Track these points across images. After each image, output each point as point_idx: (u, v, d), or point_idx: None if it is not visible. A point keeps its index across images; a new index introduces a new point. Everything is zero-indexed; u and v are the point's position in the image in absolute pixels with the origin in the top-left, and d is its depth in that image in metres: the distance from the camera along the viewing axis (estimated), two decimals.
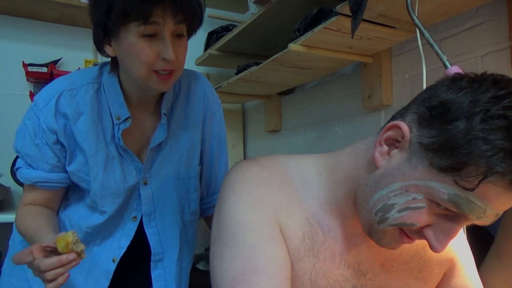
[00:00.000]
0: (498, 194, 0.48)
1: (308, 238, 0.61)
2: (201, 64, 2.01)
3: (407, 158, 0.54)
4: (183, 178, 1.00)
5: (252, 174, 0.64)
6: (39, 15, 1.86)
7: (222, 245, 0.59)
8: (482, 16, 1.08)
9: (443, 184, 0.50)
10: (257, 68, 1.49)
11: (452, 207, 0.50)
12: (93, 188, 0.91)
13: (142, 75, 0.80)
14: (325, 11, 1.18)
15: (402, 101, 1.31)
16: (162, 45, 0.78)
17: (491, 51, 1.06)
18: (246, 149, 2.26)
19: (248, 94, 1.93)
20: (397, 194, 0.54)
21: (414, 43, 1.25)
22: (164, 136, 0.94)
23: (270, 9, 1.44)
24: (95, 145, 0.89)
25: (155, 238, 0.97)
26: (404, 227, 0.55)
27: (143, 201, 0.95)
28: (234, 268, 0.56)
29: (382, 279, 0.66)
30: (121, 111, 0.89)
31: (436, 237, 0.53)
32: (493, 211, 0.50)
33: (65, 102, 0.87)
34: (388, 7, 1.03)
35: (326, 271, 0.61)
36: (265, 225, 0.59)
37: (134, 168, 0.93)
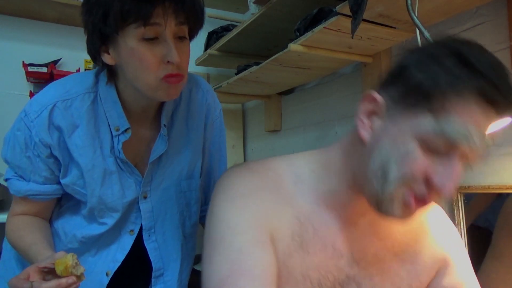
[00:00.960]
0: (471, 110, 0.52)
1: (297, 236, 0.64)
2: (201, 64, 2.01)
3: (387, 118, 0.58)
4: (184, 191, 0.96)
5: (242, 180, 0.66)
6: (39, 15, 1.86)
7: (212, 248, 0.62)
8: (482, 16, 1.08)
9: (423, 121, 0.54)
10: (257, 68, 1.49)
11: (439, 139, 0.53)
12: (90, 203, 0.87)
13: (151, 85, 0.75)
14: (325, 11, 1.18)
15: None
16: (165, 47, 0.73)
17: (491, 51, 1.06)
18: (246, 149, 2.26)
19: (248, 94, 1.93)
20: (390, 151, 0.56)
21: (414, 43, 1.25)
22: (165, 149, 0.89)
23: (270, 9, 1.44)
24: (91, 160, 0.84)
25: (156, 253, 0.93)
26: (408, 182, 0.56)
27: (142, 216, 0.91)
28: (221, 271, 0.58)
29: (375, 268, 0.68)
30: (120, 122, 0.84)
31: (440, 177, 0.54)
32: (477, 131, 0.53)
33: (59, 114, 0.81)
34: (388, 7, 1.03)
35: (317, 264, 0.64)
36: (254, 229, 0.61)
37: (133, 181, 0.89)
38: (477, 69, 0.52)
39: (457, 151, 0.54)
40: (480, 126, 0.53)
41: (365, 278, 0.68)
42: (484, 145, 0.55)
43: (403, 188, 0.56)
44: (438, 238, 0.74)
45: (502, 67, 0.54)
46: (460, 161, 0.55)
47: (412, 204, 0.57)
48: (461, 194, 1.10)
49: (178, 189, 0.94)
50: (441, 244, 0.74)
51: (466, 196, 1.09)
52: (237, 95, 1.91)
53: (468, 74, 0.52)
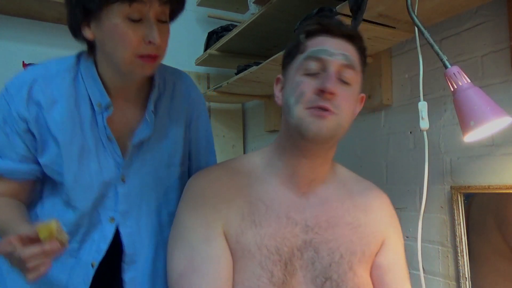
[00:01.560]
0: (317, 39, 0.77)
1: (248, 215, 0.76)
2: (201, 64, 2.01)
3: (283, 82, 0.83)
4: (163, 179, 0.96)
5: (197, 183, 0.82)
6: (39, 15, 1.86)
7: (172, 247, 0.77)
8: (482, 16, 1.08)
9: (298, 59, 0.78)
10: (257, 68, 1.49)
11: (310, 61, 0.75)
12: (66, 181, 0.85)
13: (126, 60, 0.77)
14: (325, 11, 1.18)
15: (402, 101, 1.31)
16: (147, 28, 0.76)
17: (491, 51, 1.06)
18: (246, 149, 2.26)
19: (248, 94, 1.93)
20: (287, 91, 0.79)
21: (414, 43, 1.25)
22: (149, 133, 0.90)
23: (270, 9, 1.44)
24: (70, 135, 0.84)
25: (129, 239, 0.91)
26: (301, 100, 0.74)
27: (119, 199, 0.89)
28: (179, 266, 0.74)
29: (329, 233, 0.78)
30: (102, 98, 0.85)
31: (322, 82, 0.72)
32: (332, 49, 0.75)
33: (39, 90, 0.82)
34: (388, 7, 1.03)
35: (273, 233, 0.75)
36: (204, 227, 0.75)
37: (113, 162, 0.88)
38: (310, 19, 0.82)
39: (328, 66, 0.74)
40: (332, 46, 0.75)
41: (321, 243, 0.77)
42: (346, 59, 0.75)
43: (301, 105, 0.73)
44: (381, 218, 0.85)
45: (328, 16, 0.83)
46: (337, 75, 0.74)
47: (315, 111, 0.72)
48: (461, 194, 1.10)
49: (156, 176, 0.94)
50: (384, 224, 0.85)
51: (466, 196, 1.09)
52: (237, 95, 1.91)
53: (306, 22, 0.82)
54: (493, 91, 1.03)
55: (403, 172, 1.29)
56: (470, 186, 1.08)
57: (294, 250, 0.76)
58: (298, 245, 0.76)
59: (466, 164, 1.11)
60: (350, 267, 0.78)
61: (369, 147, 1.43)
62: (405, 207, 1.27)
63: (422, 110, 0.88)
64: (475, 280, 1.06)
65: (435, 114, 1.17)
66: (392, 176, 1.33)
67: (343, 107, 0.74)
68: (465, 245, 1.08)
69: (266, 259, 0.74)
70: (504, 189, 0.99)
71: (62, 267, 0.87)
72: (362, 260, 0.80)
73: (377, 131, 1.40)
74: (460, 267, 1.08)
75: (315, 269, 0.76)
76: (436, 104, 1.18)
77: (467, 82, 0.78)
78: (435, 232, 1.17)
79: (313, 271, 0.76)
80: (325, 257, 0.77)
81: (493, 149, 1.04)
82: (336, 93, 0.72)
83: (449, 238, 1.14)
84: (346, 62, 0.75)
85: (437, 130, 1.18)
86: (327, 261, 0.77)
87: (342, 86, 0.74)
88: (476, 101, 0.76)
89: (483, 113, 0.75)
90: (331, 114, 0.72)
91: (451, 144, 1.15)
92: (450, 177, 1.15)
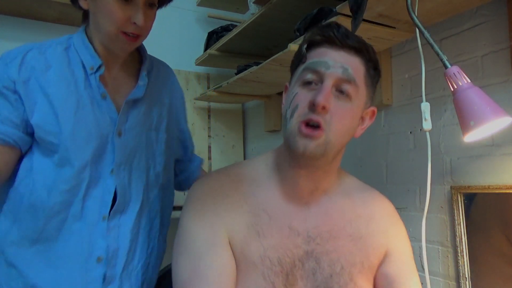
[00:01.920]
0: (322, 49, 0.75)
1: (252, 226, 0.76)
2: (201, 64, 2.01)
3: (289, 88, 0.81)
4: (152, 141, 1.04)
5: (202, 190, 0.81)
6: (39, 15, 1.85)
7: (177, 254, 0.76)
8: (482, 16, 1.08)
9: (299, 70, 0.78)
10: (257, 68, 1.49)
11: (308, 72, 0.74)
12: (62, 136, 0.89)
13: (111, 33, 0.88)
14: (325, 11, 1.18)
15: (402, 101, 1.31)
16: (135, 10, 0.87)
17: (491, 51, 1.06)
18: (246, 149, 2.26)
19: (248, 94, 1.93)
20: (286, 103, 0.78)
21: (414, 43, 1.25)
22: (141, 95, 1.00)
23: (270, 9, 1.44)
24: (65, 93, 0.91)
25: (122, 189, 0.96)
26: (297, 112, 0.73)
27: (116, 151, 0.95)
28: (184, 273, 0.73)
29: (330, 244, 0.78)
30: (94, 60, 0.93)
31: (314, 95, 0.71)
32: (331, 61, 0.73)
33: (34, 57, 0.91)
34: (388, 7, 1.03)
35: (275, 245, 0.75)
36: (209, 234, 0.75)
37: (109, 118, 0.95)
38: (314, 27, 0.80)
39: (324, 78, 0.72)
40: (332, 57, 0.74)
41: (323, 253, 0.77)
42: (344, 73, 0.72)
43: (294, 120, 0.72)
44: (384, 228, 0.84)
45: (334, 24, 0.76)
46: (335, 87, 0.73)
47: (303, 129, 0.71)
48: (461, 194, 1.10)
49: (148, 137, 1.03)
50: (387, 234, 0.84)
51: (466, 196, 1.09)
52: (237, 95, 1.91)
53: (309, 32, 0.79)
54: (493, 91, 1.03)
55: (403, 172, 1.29)
56: (470, 186, 1.08)
57: (296, 260, 0.76)
58: (300, 256, 0.76)
59: (466, 164, 1.11)
60: (351, 278, 0.77)
61: (369, 147, 1.43)
62: (405, 207, 1.27)
63: (424, 111, 0.87)
64: (475, 280, 1.06)
65: (435, 114, 1.17)
66: (392, 176, 1.33)
67: (334, 123, 0.71)
68: (465, 245, 1.08)
69: (269, 271, 0.73)
70: (504, 189, 0.99)
71: (73, 236, 0.91)
72: (362, 271, 0.79)
73: (377, 131, 1.40)
74: (460, 267, 1.08)
75: (316, 279, 0.76)
76: (436, 104, 1.18)
77: (467, 82, 0.78)
78: (435, 232, 1.17)
79: (314, 281, 0.76)
80: (326, 268, 0.77)
81: (493, 149, 1.04)
82: (327, 108, 0.70)
83: (449, 238, 1.14)
84: (343, 75, 0.72)
85: (437, 130, 1.18)
86: (328, 272, 0.76)
87: (339, 101, 0.72)
88: (476, 101, 0.76)
89: (483, 113, 0.75)
90: (319, 132, 0.71)
91: (451, 144, 1.15)
92: (450, 177, 1.15)
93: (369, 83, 0.77)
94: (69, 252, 0.91)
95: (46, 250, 0.91)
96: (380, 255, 0.82)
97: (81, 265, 0.91)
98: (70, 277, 0.90)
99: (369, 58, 0.76)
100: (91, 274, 0.91)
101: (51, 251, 0.91)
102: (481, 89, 0.78)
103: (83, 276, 0.91)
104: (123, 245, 0.96)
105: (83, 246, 0.91)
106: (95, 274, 0.92)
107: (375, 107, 0.83)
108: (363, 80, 0.75)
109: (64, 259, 0.91)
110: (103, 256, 0.92)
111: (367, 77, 0.76)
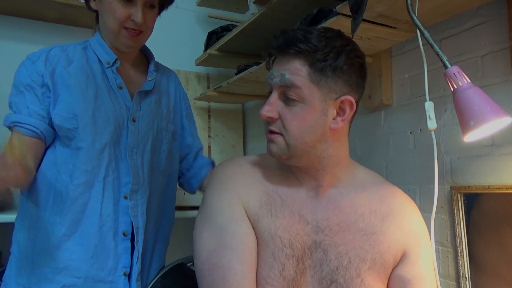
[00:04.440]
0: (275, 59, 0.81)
1: (265, 204, 0.80)
2: (201, 64, 2.01)
3: None
4: (162, 129, 1.13)
5: (222, 170, 0.87)
6: (39, 15, 1.86)
7: (201, 227, 0.82)
8: (482, 16, 1.08)
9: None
10: (257, 68, 1.49)
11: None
12: (84, 119, 0.99)
13: (114, 29, 1.00)
14: (325, 11, 1.18)
15: (402, 101, 1.31)
16: (134, 9, 0.98)
17: (491, 51, 1.06)
18: (246, 149, 2.26)
19: (248, 94, 1.93)
20: None
21: (414, 43, 1.25)
22: (151, 87, 1.11)
23: (270, 9, 1.43)
24: (85, 83, 1.01)
25: (135, 170, 1.05)
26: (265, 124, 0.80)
27: (129, 134, 1.05)
28: (209, 244, 0.78)
29: (339, 237, 0.79)
30: (109, 56, 1.05)
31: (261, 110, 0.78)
32: (275, 71, 0.79)
33: (57, 53, 1.02)
34: (388, 7, 1.03)
35: (287, 226, 0.78)
36: (230, 208, 0.80)
37: (125, 105, 1.05)
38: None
39: (272, 89, 0.79)
40: (274, 67, 0.79)
41: (331, 245, 0.78)
42: (281, 79, 0.76)
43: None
44: (404, 227, 0.82)
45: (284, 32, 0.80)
46: (280, 94, 0.78)
47: (267, 135, 0.80)
48: (461, 194, 1.10)
49: (159, 124, 1.12)
50: (406, 234, 0.82)
51: (466, 196, 1.09)
52: (237, 95, 1.91)
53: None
54: (493, 91, 1.03)
55: (403, 172, 1.29)
56: (470, 186, 1.08)
57: (305, 248, 0.78)
58: (309, 245, 0.78)
59: (466, 164, 1.11)
60: (358, 274, 0.77)
61: (369, 147, 1.43)
62: None
63: (429, 110, 0.87)
64: (475, 280, 1.06)
65: (435, 114, 1.17)
66: (392, 176, 1.33)
67: (289, 127, 0.76)
68: (465, 245, 1.08)
69: (279, 251, 0.76)
70: (504, 189, 0.99)
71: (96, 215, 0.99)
72: (372, 268, 0.78)
73: (377, 131, 1.40)
74: (460, 267, 1.08)
75: (322, 270, 0.77)
76: (436, 104, 1.17)
77: (467, 82, 0.78)
78: (435, 232, 1.17)
79: (321, 272, 0.77)
80: (333, 260, 0.77)
81: (493, 149, 1.04)
82: (272, 117, 0.77)
83: (449, 238, 1.14)
84: (281, 82, 0.77)
85: (437, 130, 1.18)
86: (334, 264, 0.77)
87: (288, 106, 0.77)
88: (476, 101, 0.76)
89: (483, 113, 0.75)
90: (276, 136, 0.78)
91: (451, 144, 1.15)
92: (450, 177, 1.15)
93: (318, 79, 0.75)
94: (94, 230, 0.99)
95: (73, 232, 0.98)
96: (396, 254, 0.81)
97: (110, 239, 1.00)
98: (103, 251, 0.99)
99: (313, 55, 0.75)
100: (120, 247, 1.01)
101: (77, 232, 0.98)
102: (481, 89, 0.78)
103: (114, 249, 1.00)
104: (141, 224, 1.04)
105: (109, 223, 1.00)
106: (124, 246, 1.02)
107: (354, 96, 0.79)
108: (307, 79, 0.75)
109: (93, 236, 0.99)
110: (128, 231, 1.02)
111: (313, 74, 0.75)
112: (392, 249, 0.80)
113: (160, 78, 1.17)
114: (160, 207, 1.14)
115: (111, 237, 1.00)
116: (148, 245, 1.08)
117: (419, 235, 0.83)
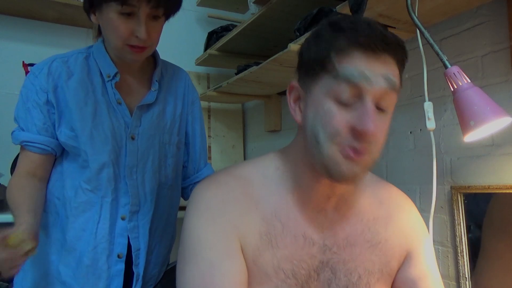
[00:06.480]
0: (353, 57, 0.61)
1: (265, 235, 0.69)
2: (201, 64, 2.01)
3: (304, 98, 0.68)
4: (165, 143, 1.09)
5: (210, 194, 0.71)
6: (39, 15, 1.86)
7: (185, 262, 0.68)
8: (482, 16, 1.08)
9: (325, 81, 0.64)
10: (257, 68, 1.49)
11: (343, 87, 0.61)
12: (82, 138, 0.97)
13: (118, 46, 0.93)
14: (325, 11, 1.18)
15: (402, 101, 1.31)
16: (137, 24, 0.90)
17: (491, 51, 1.06)
18: (246, 149, 2.26)
19: (248, 94, 1.93)
20: (314, 118, 0.65)
21: (414, 43, 1.25)
22: (153, 100, 1.05)
23: (270, 9, 1.44)
24: (84, 99, 0.98)
25: (135, 190, 1.02)
26: (335, 138, 0.62)
27: (128, 154, 1.01)
28: (194, 283, 0.65)
29: (347, 253, 0.73)
30: (110, 68, 1.00)
31: (359, 121, 0.60)
32: (371, 71, 0.61)
33: (58, 66, 0.99)
34: (388, 7, 1.03)
35: (289, 255, 0.69)
36: (222, 242, 0.67)
37: (123, 123, 1.02)
38: (341, 28, 0.64)
39: (365, 95, 0.61)
40: (372, 67, 0.61)
41: (339, 263, 0.72)
42: (389, 84, 0.62)
43: (335, 146, 0.62)
44: (404, 228, 0.79)
45: (364, 21, 0.64)
46: (375, 103, 0.62)
47: (351, 154, 0.61)
48: (461, 194, 1.10)
49: (160, 139, 1.08)
50: (407, 235, 0.79)
51: (466, 196, 1.09)
52: (237, 95, 1.91)
53: (336, 34, 0.64)
54: (493, 91, 1.03)
55: (403, 172, 1.29)
56: (470, 186, 1.08)
57: (311, 271, 0.71)
58: (315, 266, 0.71)
59: (466, 164, 1.11)
60: None
61: None
62: None
63: (428, 110, 0.87)
64: (475, 280, 1.06)
65: (435, 114, 1.17)
66: (392, 176, 1.33)
67: (377, 142, 0.63)
68: (465, 245, 1.08)
69: (283, 283, 0.69)
70: (504, 189, 0.99)
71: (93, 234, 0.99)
72: (380, 279, 0.75)
73: None
74: (460, 267, 1.08)
75: None
76: (436, 104, 1.17)
77: (467, 82, 0.78)
78: (435, 232, 1.17)
79: None
80: (342, 278, 0.72)
81: (493, 149, 1.04)
82: (377, 134, 0.61)
83: (449, 238, 1.14)
84: (388, 87, 0.62)
85: (437, 130, 1.18)
86: (344, 282, 0.72)
87: (380, 116, 0.63)
88: (476, 101, 0.76)
89: (483, 113, 0.75)
90: (366, 157, 0.63)
91: (451, 144, 1.15)
92: (450, 177, 1.15)
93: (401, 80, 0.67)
94: (88, 250, 0.98)
95: (72, 250, 0.99)
96: (400, 258, 0.78)
97: (103, 261, 0.99)
98: (95, 272, 0.98)
99: (404, 55, 0.66)
100: (114, 269, 0.99)
101: (76, 250, 0.98)
102: (481, 89, 0.78)
103: (106, 271, 0.99)
104: (143, 246, 1.03)
105: (103, 245, 0.99)
106: (118, 268, 1.00)
107: None
108: (399, 82, 0.66)
109: (86, 256, 0.98)
110: (123, 253, 1.00)
111: (401, 75, 0.67)
112: (397, 254, 0.77)
113: (168, 81, 1.12)
114: (167, 219, 1.12)
115: (104, 259, 0.98)
116: (156, 261, 1.08)
117: (419, 233, 0.81)
